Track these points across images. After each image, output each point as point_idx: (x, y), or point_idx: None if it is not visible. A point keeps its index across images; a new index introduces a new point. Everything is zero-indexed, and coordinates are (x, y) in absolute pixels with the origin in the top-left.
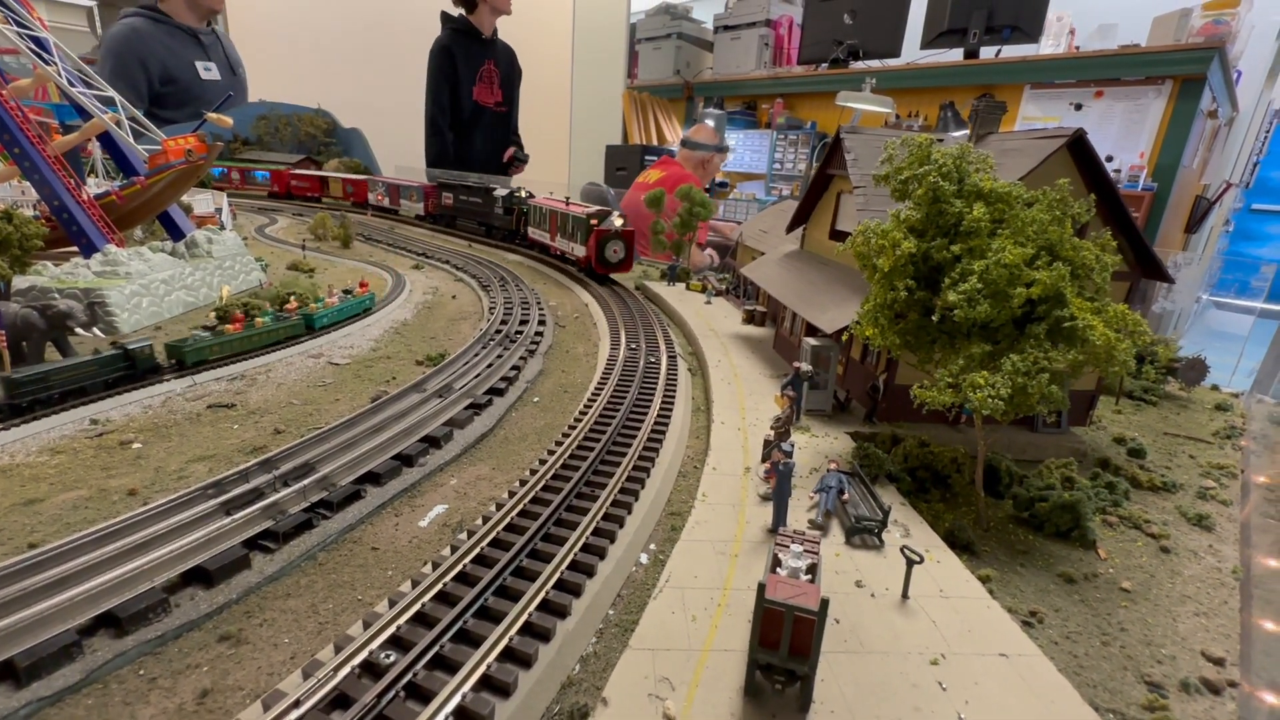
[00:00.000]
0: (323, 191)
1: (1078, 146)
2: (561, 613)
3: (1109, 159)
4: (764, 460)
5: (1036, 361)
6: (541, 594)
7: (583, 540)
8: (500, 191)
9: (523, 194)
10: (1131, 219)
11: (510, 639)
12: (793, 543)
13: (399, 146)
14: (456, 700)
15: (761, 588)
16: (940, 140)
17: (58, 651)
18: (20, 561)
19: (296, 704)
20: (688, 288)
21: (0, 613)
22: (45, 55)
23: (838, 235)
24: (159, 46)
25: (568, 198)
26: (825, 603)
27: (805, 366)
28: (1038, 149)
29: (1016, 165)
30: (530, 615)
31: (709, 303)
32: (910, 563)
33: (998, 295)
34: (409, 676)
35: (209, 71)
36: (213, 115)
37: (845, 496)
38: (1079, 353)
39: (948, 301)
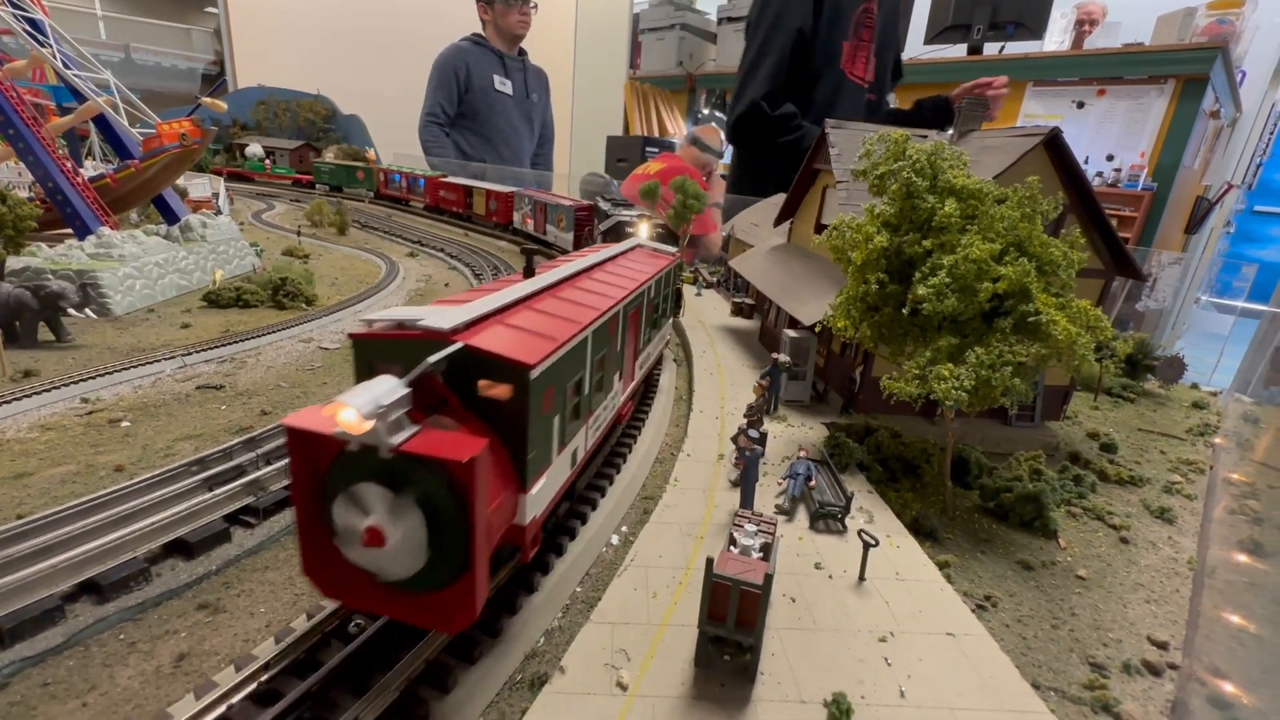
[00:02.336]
0: (467, 207)
1: (1053, 145)
2: (529, 587)
3: (1110, 158)
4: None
5: (1001, 355)
6: (512, 569)
7: (554, 521)
8: (613, 220)
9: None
10: (1106, 217)
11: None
12: (748, 523)
13: (398, 134)
14: (419, 665)
15: (710, 562)
16: (924, 136)
17: (41, 615)
18: (8, 530)
19: (266, 667)
20: None
21: None
22: (40, 37)
23: (823, 229)
24: (471, 60)
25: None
26: (769, 578)
27: (783, 358)
28: (1014, 146)
29: (994, 162)
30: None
31: (699, 295)
32: (866, 546)
33: (965, 290)
34: (376, 640)
35: (504, 85)
36: (207, 100)
37: (812, 483)
38: (1042, 346)
39: (917, 295)
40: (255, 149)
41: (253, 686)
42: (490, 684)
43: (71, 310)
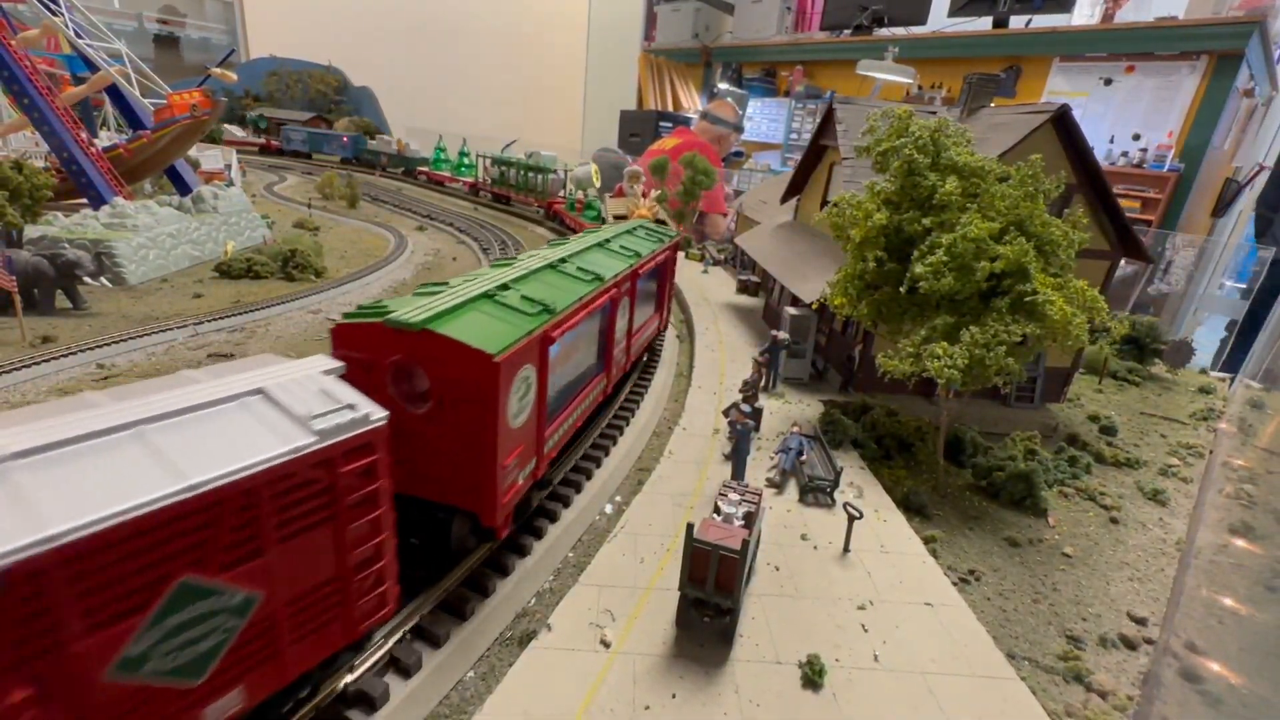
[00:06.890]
0: None
1: (1061, 123)
2: (521, 551)
3: (1136, 137)
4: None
5: (996, 334)
6: (506, 532)
7: (549, 490)
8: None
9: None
10: (1114, 197)
11: (471, 569)
12: (732, 492)
13: (410, 106)
14: (414, 620)
15: (690, 528)
16: (933, 113)
17: None
18: None
19: None
20: (686, 256)
21: None
22: (53, 6)
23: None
24: None
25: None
26: (746, 543)
27: (783, 335)
28: (1022, 124)
29: (1000, 140)
30: (493, 549)
31: (705, 272)
32: (851, 518)
33: (963, 269)
34: None
35: None
36: (216, 70)
37: (804, 458)
38: (1037, 326)
39: (915, 274)
40: (586, 170)
41: None
42: (481, 640)
43: (87, 279)
